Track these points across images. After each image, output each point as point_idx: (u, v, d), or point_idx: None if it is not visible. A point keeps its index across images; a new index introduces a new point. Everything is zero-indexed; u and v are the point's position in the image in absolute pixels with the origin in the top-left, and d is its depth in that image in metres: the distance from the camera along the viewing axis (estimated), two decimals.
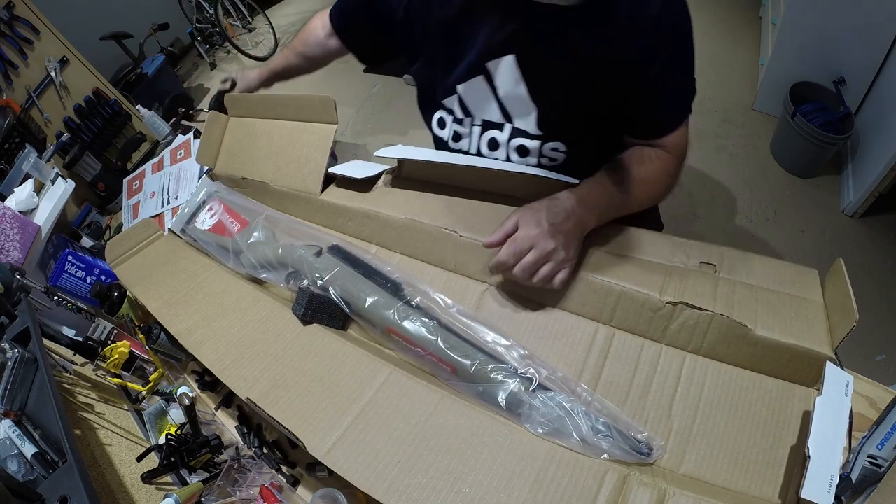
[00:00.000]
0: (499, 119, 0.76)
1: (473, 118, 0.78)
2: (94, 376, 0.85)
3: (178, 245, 0.91)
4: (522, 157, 0.77)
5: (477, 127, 0.79)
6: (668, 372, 0.58)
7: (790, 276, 0.63)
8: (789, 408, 0.53)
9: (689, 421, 0.54)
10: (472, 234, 0.68)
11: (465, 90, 0.76)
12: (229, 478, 0.71)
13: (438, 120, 0.83)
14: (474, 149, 0.81)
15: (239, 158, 0.96)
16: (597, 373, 0.59)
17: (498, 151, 0.79)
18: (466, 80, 0.74)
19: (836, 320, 0.55)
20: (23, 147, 1.39)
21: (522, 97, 0.71)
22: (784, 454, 0.51)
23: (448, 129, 0.82)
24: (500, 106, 0.75)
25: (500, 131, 0.77)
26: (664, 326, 0.60)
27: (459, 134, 0.81)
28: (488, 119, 0.77)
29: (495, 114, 0.76)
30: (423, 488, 0.48)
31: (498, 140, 0.77)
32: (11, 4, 1.45)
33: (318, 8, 0.83)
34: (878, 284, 1.70)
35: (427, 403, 0.56)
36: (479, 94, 0.75)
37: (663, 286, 0.60)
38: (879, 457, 0.50)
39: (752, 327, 0.55)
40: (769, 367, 0.55)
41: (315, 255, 0.73)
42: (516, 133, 0.76)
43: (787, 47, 2.04)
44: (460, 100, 0.77)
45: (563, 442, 0.51)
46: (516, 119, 0.75)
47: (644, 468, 0.51)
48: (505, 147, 0.77)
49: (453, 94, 0.77)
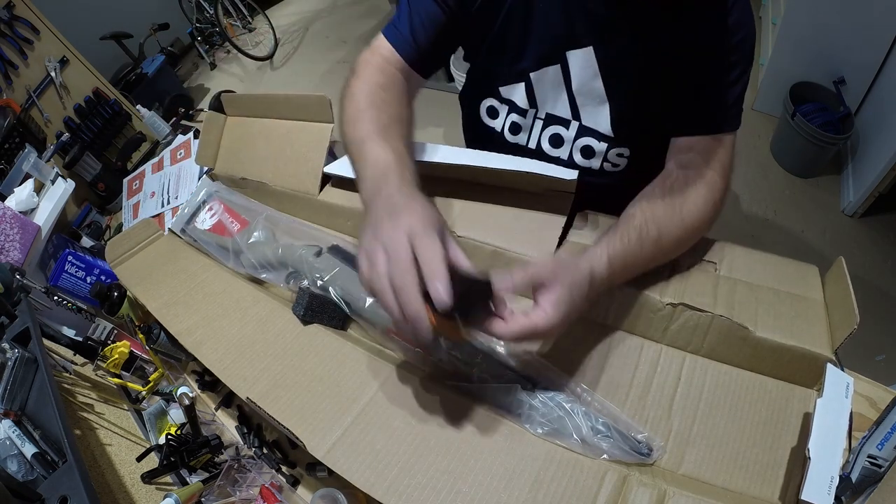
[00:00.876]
0: (566, 115, 0.73)
1: (538, 110, 0.75)
2: (94, 376, 0.85)
3: (178, 245, 0.91)
4: (587, 158, 0.75)
5: (539, 120, 0.76)
6: (668, 372, 0.58)
7: (791, 274, 0.63)
8: (789, 408, 0.53)
9: (689, 421, 0.54)
10: (470, 233, 0.68)
11: (538, 78, 0.72)
12: (229, 478, 0.71)
13: (489, 108, 0.80)
14: (534, 143, 0.78)
15: (238, 158, 0.96)
16: (597, 373, 0.59)
17: (561, 149, 0.76)
18: (540, 68, 0.71)
19: (836, 321, 0.55)
20: (23, 147, 1.39)
21: (597, 91, 0.69)
22: (784, 455, 0.51)
23: (501, 120, 0.79)
24: (571, 100, 0.72)
25: (565, 128, 0.74)
26: (664, 327, 0.60)
27: (518, 126, 0.78)
28: (553, 113, 0.74)
29: (563, 108, 0.73)
30: (423, 488, 0.48)
31: (563, 137, 0.75)
32: (11, 4, 1.45)
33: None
34: (878, 284, 1.70)
35: (427, 404, 0.56)
36: (552, 85, 0.71)
37: (663, 286, 0.60)
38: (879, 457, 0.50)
39: (753, 329, 0.55)
40: (769, 368, 0.55)
41: (315, 255, 0.73)
42: (584, 131, 0.73)
43: (787, 47, 2.04)
44: (529, 88, 0.73)
45: (562, 442, 0.51)
46: (585, 117, 0.72)
47: (644, 468, 0.51)
48: (569, 145, 0.75)
49: (518, 83, 0.74)
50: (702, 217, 0.61)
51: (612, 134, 0.72)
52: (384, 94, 0.66)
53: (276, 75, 3.46)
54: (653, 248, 0.58)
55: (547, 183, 0.67)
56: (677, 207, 0.61)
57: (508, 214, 0.70)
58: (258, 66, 3.55)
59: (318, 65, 3.40)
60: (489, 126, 0.82)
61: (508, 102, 0.78)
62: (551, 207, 0.69)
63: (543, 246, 0.66)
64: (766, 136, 2.16)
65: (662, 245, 0.59)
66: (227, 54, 3.75)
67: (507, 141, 0.81)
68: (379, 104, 0.64)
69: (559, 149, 0.76)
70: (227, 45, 3.55)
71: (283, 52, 3.62)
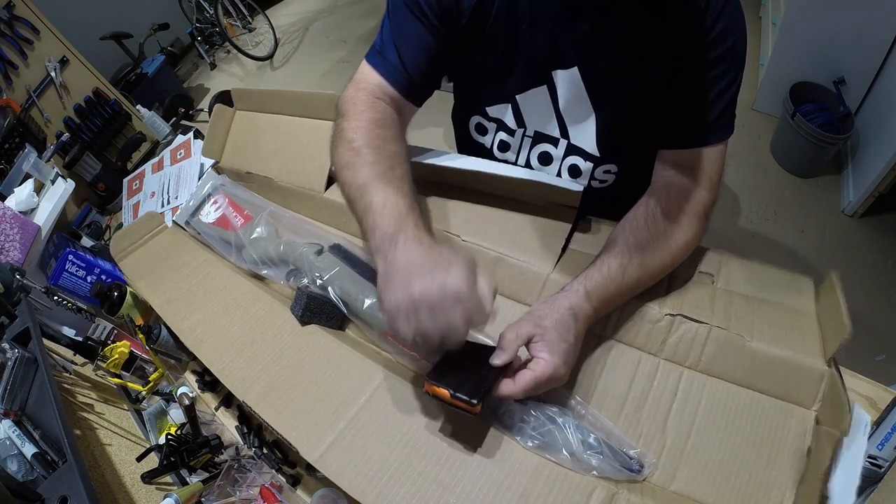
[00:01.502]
0: (555, 133, 0.72)
1: (526, 129, 0.74)
2: (94, 376, 0.85)
3: (181, 238, 0.91)
4: (574, 177, 0.75)
5: (528, 138, 0.75)
6: (665, 386, 0.57)
7: (786, 285, 0.62)
8: (785, 429, 0.52)
9: (684, 437, 0.53)
10: (475, 238, 0.68)
11: (525, 100, 0.71)
12: (229, 478, 0.71)
13: (477, 126, 0.79)
14: (523, 161, 0.77)
15: (244, 153, 0.96)
16: (593, 385, 0.59)
17: (550, 167, 0.76)
18: (527, 90, 0.69)
19: (828, 332, 0.55)
20: (23, 147, 1.39)
21: (584, 109, 0.68)
22: (777, 476, 0.49)
23: (490, 137, 0.79)
24: (559, 118, 0.71)
25: (554, 146, 0.74)
26: (662, 339, 0.59)
27: (507, 144, 0.77)
28: (542, 131, 0.73)
29: (552, 127, 0.72)
30: (412, 497, 0.49)
31: (552, 155, 0.74)
32: (11, 4, 1.45)
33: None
34: (878, 284, 1.70)
35: (419, 410, 0.56)
36: (539, 105, 0.70)
37: (661, 300, 0.60)
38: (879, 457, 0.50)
39: (749, 339, 0.55)
40: (767, 384, 0.55)
41: (316, 254, 0.73)
42: (572, 150, 0.73)
43: (787, 47, 2.04)
44: (515, 109, 0.72)
45: (552, 456, 0.51)
46: (573, 135, 0.71)
47: (633, 485, 0.50)
48: (559, 163, 0.74)
49: (505, 103, 0.72)
50: (686, 238, 0.62)
51: (597, 153, 0.72)
52: (380, 132, 0.62)
53: (276, 75, 3.46)
54: (637, 273, 0.58)
55: (552, 195, 0.67)
56: (661, 231, 0.61)
57: (514, 222, 0.70)
58: (258, 66, 3.55)
59: (318, 65, 3.40)
60: (479, 142, 0.82)
61: (496, 121, 0.77)
62: (556, 216, 0.69)
63: (547, 254, 0.66)
64: (766, 136, 2.16)
65: (648, 270, 0.59)
66: (227, 54, 3.75)
67: (497, 158, 0.80)
68: (377, 145, 0.61)
69: (548, 166, 0.76)
70: (227, 45, 3.55)
71: (283, 52, 3.62)
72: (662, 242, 0.60)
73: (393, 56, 0.66)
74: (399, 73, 0.66)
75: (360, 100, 0.65)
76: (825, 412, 0.51)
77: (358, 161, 0.59)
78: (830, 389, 0.51)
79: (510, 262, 0.65)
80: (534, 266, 0.64)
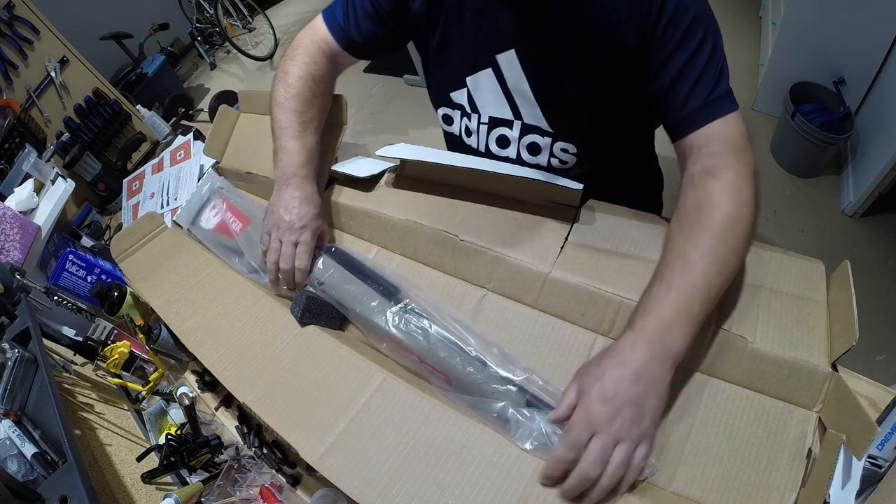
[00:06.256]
0: (508, 115, 0.74)
1: (480, 115, 0.77)
2: (94, 376, 0.85)
3: (181, 238, 0.91)
4: (533, 155, 0.76)
5: (484, 125, 0.77)
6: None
7: (795, 272, 0.60)
8: (787, 431, 0.51)
9: (683, 438, 0.53)
10: (473, 238, 0.68)
11: (475, 83, 0.74)
12: (229, 478, 0.71)
13: (444, 116, 0.82)
14: (482, 146, 0.79)
15: (246, 153, 0.96)
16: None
17: (508, 149, 0.77)
18: (475, 73, 0.72)
19: (836, 331, 0.54)
20: (23, 147, 1.39)
21: (526, 92, 0.71)
22: (777, 477, 0.49)
23: (457, 125, 0.81)
24: (510, 100, 0.73)
25: (509, 129, 0.75)
26: None
27: (470, 129, 0.80)
28: (496, 116, 0.76)
29: (504, 110, 0.74)
30: (412, 498, 0.49)
31: (508, 137, 0.76)
32: (11, 4, 1.45)
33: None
34: (878, 284, 1.70)
35: (419, 412, 0.55)
36: (488, 88, 0.73)
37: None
38: (879, 457, 0.50)
39: (752, 339, 0.54)
40: (768, 385, 0.54)
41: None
42: (528, 129, 0.74)
43: (787, 47, 2.04)
44: (468, 93, 0.75)
45: None
46: (526, 115, 0.73)
47: (633, 485, 0.50)
48: (516, 144, 0.76)
49: (462, 88, 0.75)
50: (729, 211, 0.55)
51: (551, 130, 0.73)
52: (313, 87, 0.77)
53: None
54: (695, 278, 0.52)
55: (551, 194, 0.67)
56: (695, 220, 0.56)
57: (512, 221, 0.70)
58: (258, 66, 3.55)
59: None
60: (450, 132, 0.84)
61: (459, 107, 0.79)
62: (555, 215, 0.69)
63: (546, 253, 0.65)
64: (765, 136, 2.16)
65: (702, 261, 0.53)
66: (227, 54, 3.76)
67: (465, 144, 0.82)
68: (307, 97, 0.76)
69: (506, 149, 0.78)
70: (227, 45, 3.55)
71: (283, 52, 3.61)
72: (699, 230, 0.55)
73: (341, 18, 0.77)
74: (342, 33, 0.78)
75: (309, 51, 0.78)
76: (830, 414, 0.51)
77: (287, 105, 0.75)
78: (836, 393, 0.51)
79: (509, 261, 0.65)
80: (532, 265, 0.64)
